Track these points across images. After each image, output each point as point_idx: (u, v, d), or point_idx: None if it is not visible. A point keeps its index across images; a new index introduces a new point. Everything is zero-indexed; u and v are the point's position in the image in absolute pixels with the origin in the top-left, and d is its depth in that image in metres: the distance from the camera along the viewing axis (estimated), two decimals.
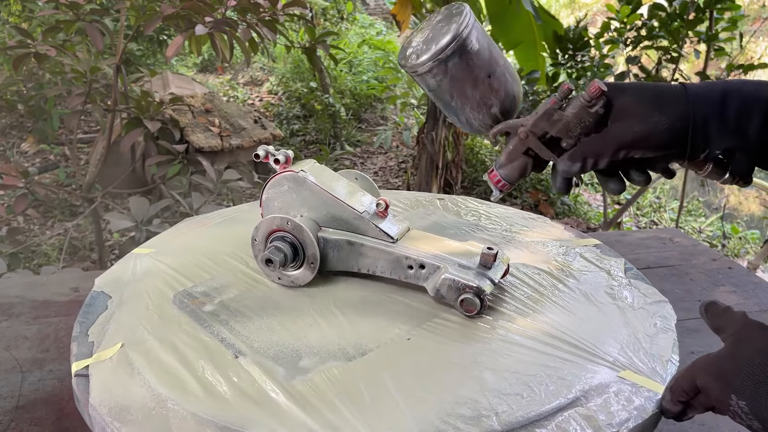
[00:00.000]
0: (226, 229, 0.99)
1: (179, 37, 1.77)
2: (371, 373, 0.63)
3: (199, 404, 0.58)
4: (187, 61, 6.25)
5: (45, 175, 3.61)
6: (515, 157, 0.65)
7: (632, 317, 0.78)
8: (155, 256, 0.88)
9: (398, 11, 2.99)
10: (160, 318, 0.72)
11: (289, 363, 0.64)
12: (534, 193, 4.06)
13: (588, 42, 3.11)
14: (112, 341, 0.68)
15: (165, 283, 0.80)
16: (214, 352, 0.66)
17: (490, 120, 0.67)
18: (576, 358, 0.68)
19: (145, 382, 0.61)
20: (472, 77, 0.65)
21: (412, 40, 0.68)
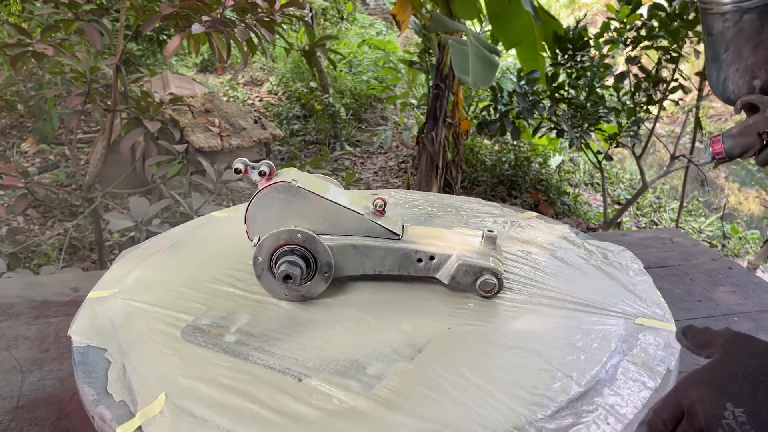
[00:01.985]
0: (184, 254, 0.93)
1: (177, 36, 1.77)
2: (440, 366, 0.65)
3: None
4: (187, 61, 6.25)
5: (45, 175, 3.61)
6: (749, 133, 0.64)
7: (611, 272, 0.89)
8: (124, 296, 0.80)
9: (398, 11, 2.98)
10: (184, 359, 0.66)
11: (356, 375, 0.63)
12: (534, 193, 4.06)
13: (588, 42, 3.11)
14: (150, 395, 0.61)
15: (161, 322, 0.73)
16: (271, 381, 0.62)
17: (747, 89, 0.66)
18: (595, 316, 0.76)
19: (220, 427, 0.57)
20: (758, 38, 0.64)
21: None
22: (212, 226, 1.06)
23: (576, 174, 4.66)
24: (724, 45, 0.66)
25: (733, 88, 0.66)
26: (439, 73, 3.37)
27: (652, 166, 5.05)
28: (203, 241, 0.98)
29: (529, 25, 3.11)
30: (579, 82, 3.22)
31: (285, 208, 0.76)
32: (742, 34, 0.64)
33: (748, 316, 1.08)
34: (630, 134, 3.24)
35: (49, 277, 1.19)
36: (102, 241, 2.58)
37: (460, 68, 2.68)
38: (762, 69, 0.64)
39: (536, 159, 4.55)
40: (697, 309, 1.10)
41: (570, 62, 3.20)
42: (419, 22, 3.65)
